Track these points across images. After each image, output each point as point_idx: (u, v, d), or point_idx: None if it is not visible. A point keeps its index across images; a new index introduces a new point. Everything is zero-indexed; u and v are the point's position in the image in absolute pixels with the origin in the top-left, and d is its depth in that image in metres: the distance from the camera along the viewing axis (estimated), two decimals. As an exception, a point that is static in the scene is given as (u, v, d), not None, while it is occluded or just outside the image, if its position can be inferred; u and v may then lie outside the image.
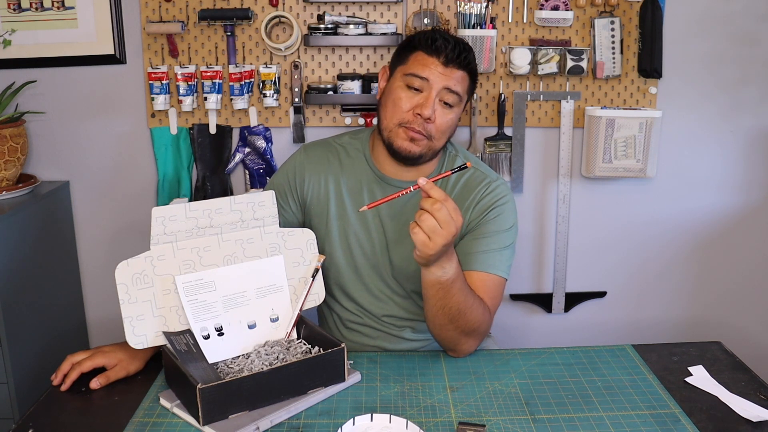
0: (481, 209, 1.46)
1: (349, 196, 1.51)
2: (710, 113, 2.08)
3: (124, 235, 2.09)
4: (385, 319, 1.54)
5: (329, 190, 1.52)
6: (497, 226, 1.45)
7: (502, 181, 1.52)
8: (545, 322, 2.21)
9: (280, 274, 1.35)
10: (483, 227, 1.45)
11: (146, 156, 2.04)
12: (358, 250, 1.51)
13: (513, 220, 1.48)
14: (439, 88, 1.39)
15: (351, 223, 1.50)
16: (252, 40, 1.95)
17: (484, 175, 1.51)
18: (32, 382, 1.80)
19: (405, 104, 1.40)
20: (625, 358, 1.36)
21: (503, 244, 1.44)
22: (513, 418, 1.16)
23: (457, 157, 1.55)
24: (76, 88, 2.00)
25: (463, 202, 1.48)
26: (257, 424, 1.11)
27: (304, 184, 1.54)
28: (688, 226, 2.16)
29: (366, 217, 1.50)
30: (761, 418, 1.16)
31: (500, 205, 1.47)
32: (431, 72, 1.38)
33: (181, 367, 1.15)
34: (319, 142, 1.60)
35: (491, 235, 1.44)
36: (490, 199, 1.47)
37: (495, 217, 1.45)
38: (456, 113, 1.44)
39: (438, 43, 1.39)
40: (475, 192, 1.48)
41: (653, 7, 1.93)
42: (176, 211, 1.26)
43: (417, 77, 1.39)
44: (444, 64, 1.38)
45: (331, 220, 1.51)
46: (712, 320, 2.23)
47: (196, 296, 1.26)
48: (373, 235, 1.50)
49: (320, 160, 1.54)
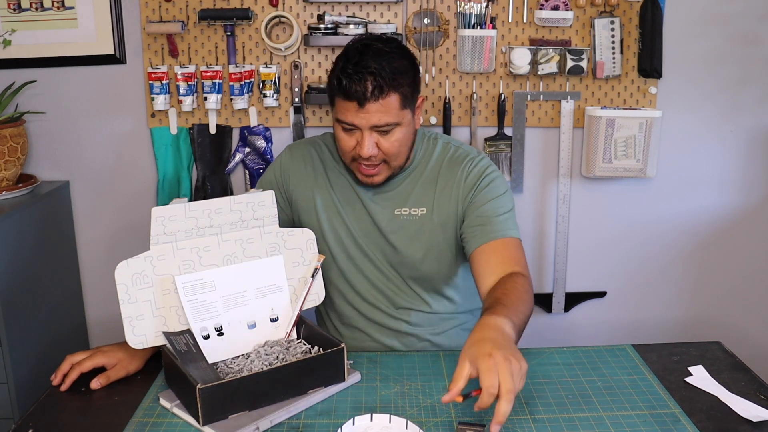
0: (471, 182, 1.49)
1: (335, 190, 1.54)
2: (710, 113, 2.08)
3: (124, 235, 2.09)
4: (382, 307, 1.55)
5: (315, 186, 1.54)
6: (492, 193, 1.47)
7: (484, 155, 1.55)
8: (545, 322, 2.21)
9: (279, 274, 1.35)
10: (478, 197, 1.47)
11: (146, 156, 2.04)
12: (349, 240, 1.53)
13: (505, 187, 1.51)
14: (368, 128, 1.38)
15: (339, 215, 1.53)
16: (252, 40, 1.95)
17: (466, 152, 1.54)
18: (32, 382, 1.80)
19: (346, 146, 1.42)
20: (625, 358, 1.36)
21: (505, 208, 1.47)
22: (513, 418, 1.16)
23: (438, 139, 1.55)
24: (76, 88, 2.00)
25: (451, 179, 1.50)
26: (257, 424, 1.11)
27: (290, 182, 1.56)
28: (688, 226, 2.16)
29: (354, 207, 1.52)
30: (761, 418, 1.16)
31: (488, 174, 1.49)
32: (354, 117, 1.36)
33: (181, 367, 1.15)
34: (304, 140, 1.64)
35: (490, 202, 1.46)
36: (477, 171, 1.49)
37: (487, 185, 1.48)
38: (401, 130, 1.40)
39: (345, 86, 1.34)
40: (461, 167, 1.50)
41: (653, 7, 1.93)
42: (176, 211, 1.26)
43: (345, 124, 1.39)
44: (360, 106, 1.35)
45: (319, 213, 1.53)
46: (712, 320, 2.23)
47: (195, 296, 1.26)
48: (364, 224, 1.52)
49: (305, 158, 1.57)
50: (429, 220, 1.50)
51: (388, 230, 1.51)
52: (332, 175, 1.55)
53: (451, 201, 1.49)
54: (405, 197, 1.51)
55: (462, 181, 1.49)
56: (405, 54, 1.40)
